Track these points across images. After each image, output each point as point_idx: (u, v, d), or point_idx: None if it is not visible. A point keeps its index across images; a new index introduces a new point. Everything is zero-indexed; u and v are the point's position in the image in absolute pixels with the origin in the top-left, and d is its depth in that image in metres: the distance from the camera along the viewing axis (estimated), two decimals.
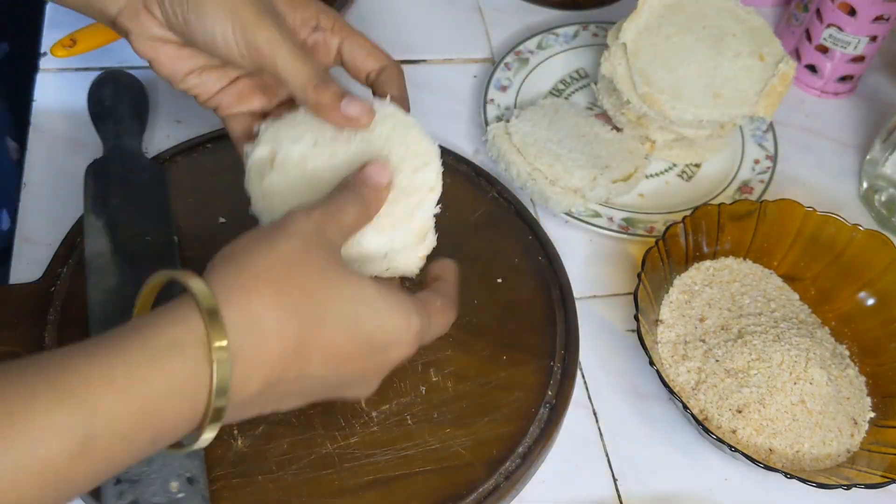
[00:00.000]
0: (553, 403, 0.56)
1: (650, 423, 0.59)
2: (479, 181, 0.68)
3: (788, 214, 0.64)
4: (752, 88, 0.69)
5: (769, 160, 0.74)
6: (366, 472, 0.51)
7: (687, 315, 0.61)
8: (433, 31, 0.83)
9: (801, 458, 0.55)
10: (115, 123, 0.65)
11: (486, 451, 0.53)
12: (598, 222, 0.67)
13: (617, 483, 0.56)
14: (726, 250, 0.65)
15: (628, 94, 0.70)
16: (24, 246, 0.62)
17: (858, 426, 0.57)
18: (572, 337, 0.59)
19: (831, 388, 0.56)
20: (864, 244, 0.62)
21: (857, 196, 0.75)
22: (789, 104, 0.80)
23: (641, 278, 0.58)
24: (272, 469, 0.51)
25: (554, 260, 0.63)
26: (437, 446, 0.53)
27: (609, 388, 0.60)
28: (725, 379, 0.57)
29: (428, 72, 0.79)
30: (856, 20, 0.76)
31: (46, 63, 0.73)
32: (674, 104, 0.68)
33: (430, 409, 0.54)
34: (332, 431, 0.53)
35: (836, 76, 0.81)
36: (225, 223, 0.62)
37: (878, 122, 0.78)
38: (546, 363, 0.58)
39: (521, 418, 0.55)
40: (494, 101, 0.75)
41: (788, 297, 0.63)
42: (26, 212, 0.64)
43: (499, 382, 0.56)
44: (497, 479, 0.52)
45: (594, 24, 0.83)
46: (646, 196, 0.71)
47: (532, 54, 0.79)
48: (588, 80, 0.80)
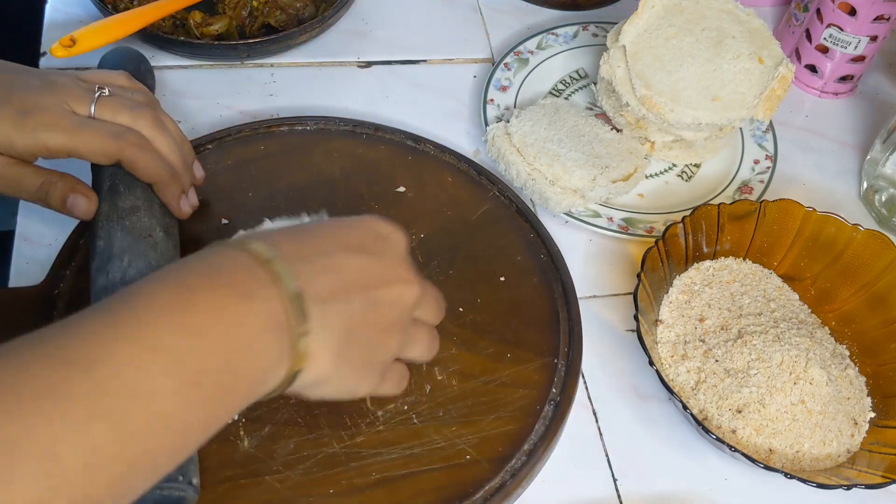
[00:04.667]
0: (558, 400, 0.56)
1: (650, 423, 0.59)
2: (481, 180, 0.68)
3: (788, 214, 0.64)
4: (750, 92, 0.69)
5: (769, 160, 0.74)
6: (373, 470, 0.51)
7: (687, 315, 0.61)
8: (433, 31, 0.83)
9: (801, 458, 0.55)
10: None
11: (491, 449, 0.53)
12: (598, 222, 0.67)
13: (617, 483, 0.56)
14: (726, 250, 0.65)
15: (627, 97, 0.70)
16: (24, 246, 0.62)
17: (858, 426, 0.57)
18: (575, 334, 0.59)
19: (831, 388, 0.56)
20: (864, 244, 0.62)
21: (857, 196, 0.75)
22: (789, 104, 0.81)
23: (641, 278, 0.58)
24: (279, 469, 0.51)
25: (556, 257, 0.63)
26: (443, 444, 0.53)
27: (609, 388, 0.60)
28: (725, 379, 0.57)
29: (428, 72, 0.79)
30: (856, 20, 0.76)
31: (46, 63, 0.73)
32: (672, 107, 0.68)
33: (435, 408, 0.55)
34: (339, 431, 0.53)
35: (836, 76, 0.81)
36: (227, 224, 0.62)
37: (878, 122, 0.78)
38: (550, 360, 0.58)
39: (527, 416, 0.55)
40: (494, 101, 0.75)
41: (788, 297, 0.63)
42: (26, 212, 0.64)
43: (503, 380, 0.57)
44: (503, 476, 0.52)
45: (594, 25, 0.83)
46: (645, 196, 0.72)
47: (532, 54, 0.79)
48: (588, 80, 0.80)
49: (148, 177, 0.56)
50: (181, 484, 0.45)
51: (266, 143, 0.68)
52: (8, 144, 0.53)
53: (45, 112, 0.53)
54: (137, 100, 0.57)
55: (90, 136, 0.53)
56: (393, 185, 0.66)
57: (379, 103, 0.75)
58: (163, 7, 0.73)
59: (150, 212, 0.57)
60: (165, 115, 0.59)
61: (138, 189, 0.57)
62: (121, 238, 0.54)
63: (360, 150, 0.69)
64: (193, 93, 0.74)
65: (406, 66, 0.80)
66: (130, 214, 0.56)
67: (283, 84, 0.76)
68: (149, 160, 0.55)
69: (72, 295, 0.57)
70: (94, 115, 0.55)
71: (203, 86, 0.74)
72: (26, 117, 0.52)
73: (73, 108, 0.54)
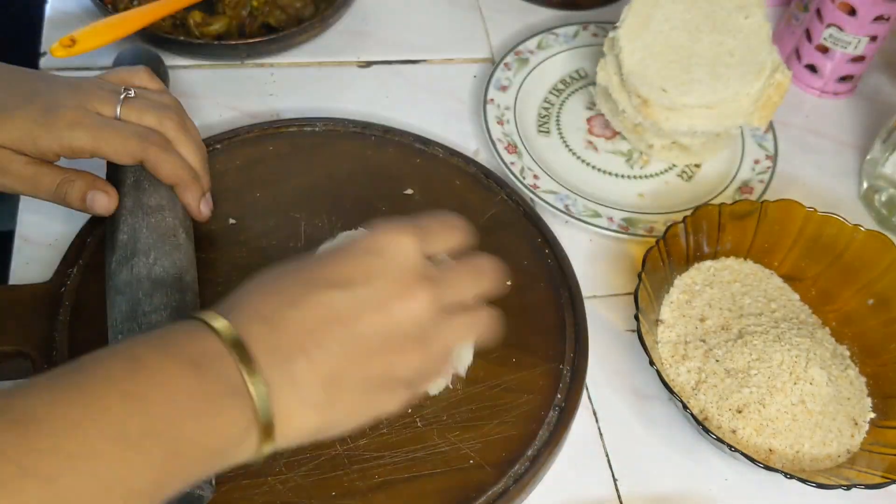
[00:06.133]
0: (562, 406, 0.56)
1: (650, 423, 0.59)
2: (489, 184, 0.68)
3: (789, 214, 0.64)
4: (747, 98, 0.68)
5: (769, 160, 0.74)
6: (375, 474, 0.51)
7: (687, 315, 0.61)
8: (433, 30, 0.83)
9: (801, 458, 0.56)
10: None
11: (495, 454, 0.53)
12: (598, 222, 0.67)
13: (617, 483, 0.56)
14: (727, 250, 0.65)
15: (623, 104, 0.70)
16: (24, 246, 0.62)
17: (859, 427, 0.58)
18: (581, 339, 0.59)
19: (831, 388, 0.57)
20: (864, 245, 0.62)
21: (858, 196, 0.75)
22: (789, 104, 0.80)
23: (642, 278, 0.58)
24: (281, 470, 0.51)
25: (563, 262, 0.63)
26: (446, 449, 0.53)
27: (609, 388, 0.60)
28: (725, 379, 0.57)
29: (428, 72, 0.79)
30: (856, 20, 0.76)
31: (46, 63, 0.73)
32: (668, 115, 0.68)
33: (438, 412, 0.54)
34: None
35: (836, 76, 0.81)
36: (235, 224, 0.62)
37: (878, 122, 0.78)
38: (555, 366, 0.58)
39: (531, 421, 0.55)
40: (494, 101, 0.75)
41: (789, 297, 0.63)
42: (26, 212, 0.64)
43: (508, 385, 0.56)
44: (506, 482, 0.52)
45: (594, 24, 0.83)
46: (646, 196, 0.72)
47: (532, 54, 0.79)
48: (588, 80, 0.80)
49: (170, 178, 0.56)
50: (201, 482, 0.45)
51: (274, 143, 0.68)
52: (32, 143, 0.53)
53: (69, 111, 0.53)
54: (163, 101, 0.57)
55: (114, 136, 0.53)
56: (401, 188, 0.66)
57: (379, 103, 0.75)
58: (163, 7, 0.73)
59: (173, 212, 0.57)
60: (189, 119, 0.59)
61: (162, 189, 0.57)
62: (147, 234, 0.54)
63: (369, 152, 0.68)
64: (193, 93, 0.74)
65: (406, 65, 0.80)
66: (155, 212, 0.56)
67: (283, 84, 0.76)
68: (172, 162, 0.55)
69: (79, 292, 0.57)
70: (119, 116, 0.55)
71: (203, 86, 0.74)
72: (51, 116, 0.52)
73: (98, 109, 0.54)
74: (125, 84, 0.57)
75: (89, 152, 0.54)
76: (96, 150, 0.53)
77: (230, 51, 0.75)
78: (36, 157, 0.54)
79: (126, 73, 0.58)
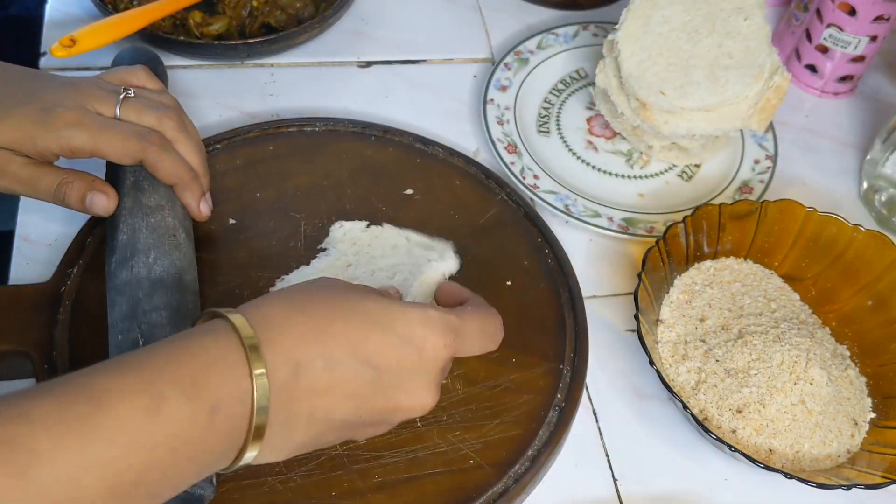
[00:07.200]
0: (562, 406, 0.56)
1: (650, 423, 0.59)
2: (489, 184, 0.68)
3: (789, 214, 0.64)
4: (745, 102, 0.68)
5: (769, 160, 0.74)
6: (375, 474, 0.51)
7: (687, 315, 0.61)
8: (433, 31, 0.83)
9: (801, 458, 0.56)
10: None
11: (495, 454, 0.53)
12: (598, 222, 0.68)
13: (617, 483, 0.56)
14: (727, 250, 0.65)
15: (622, 107, 0.70)
16: (24, 246, 0.62)
17: (859, 427, 0.58)
18: (581, 340, 0.59)
19: (831, 388, 0.57)
20: (864, 245, 0.62)
21: (858, 196, 0.75)
22: (789, 104, 0.81)
23: (642, 278, 0.58)
24: (281, 470, 0.51)
25: (563, 262, 0.63)
26: (446, 449, 0.53)
27: (609, 388, 0.61)
28: (725, 379, 0.57)
29: (428, 72, 0.79)
30: (856, 20, 0.76)
31: (46, 63, 0.73)
32: (666, 119, 0.68)
33: (439, 412, 0.54)
34: None
35: (836, 76, 0.81)
36: (235, 224, 0.62)
37: (878, 122, 0.78)
38: (555, 366, 0.58)
39: (531, 421, 0.55)
40: (494, 101, 0.75)
41: (789, 297, 0.63)
42: (26, 212, 0.64)
43: (508, 385, 0.56)
44: (506, 482, 0.52)
45: (594, 24, 0.83)
46: (646, 196, 0.72)
47: (532, 54, 0.79)
48: (588, 80, 0.80)
49: (169, 178, 0.56)
50: (202, 482, 0.45)
51: (274, 143, 0.68)
52: (31, 143, 0.53)
53: (68, 111, 0.53)
54: (162, 101, 0.57)
55: (113, 136, 0.53)
56: (401, 188, 0.66)
57: (379, 103, 0.75)
58: (163, 7, 0.73)
59: (173, 211, 0.57)
60: (188, 119, 0.59)
61: (162, 188, 0.57)
62: (146, 234, 0.55)
63: (369, 152, 0.69)
64: (193, 93, 0.74)
65: (406, 65, 0.80)
66: (155, 212, 0.56)
67: (283, 84, 0.76)
68: (171, 161, 0.55)
69: (79, 292, 0.57)
70: (118, 116, 0.55)
71: (203, 86, 0.74)
72: (50, 116, 0.52)
73: (97, 109, 0.54)
74: (124, 84, 0.57)
75: (88, 152, 0.53)
76: (95, 150, 0.53)
77: (230, 51, 0.75)
78: (35, 157, 0.54)
79: (125, 73, 0.58)
